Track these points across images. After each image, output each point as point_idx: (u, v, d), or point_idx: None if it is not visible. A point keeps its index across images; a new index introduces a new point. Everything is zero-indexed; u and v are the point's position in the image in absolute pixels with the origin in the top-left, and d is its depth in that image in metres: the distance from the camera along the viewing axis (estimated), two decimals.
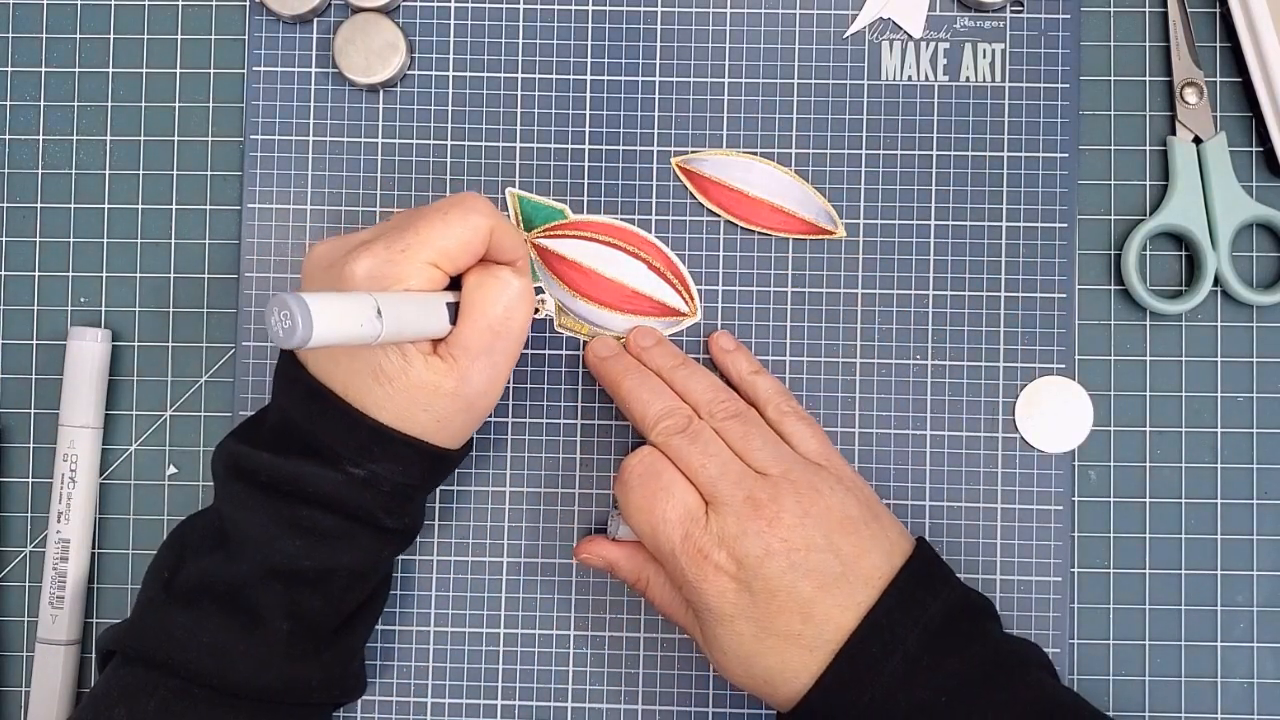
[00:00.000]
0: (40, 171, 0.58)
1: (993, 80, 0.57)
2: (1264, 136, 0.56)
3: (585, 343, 0.56)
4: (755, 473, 0.50)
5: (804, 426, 0.53)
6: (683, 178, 0.56)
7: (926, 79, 0.57)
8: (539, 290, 0.56)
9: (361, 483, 0.48)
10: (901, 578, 0.48)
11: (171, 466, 0.57)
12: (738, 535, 0.48)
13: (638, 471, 0.50)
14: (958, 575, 0.50)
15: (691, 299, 0.56)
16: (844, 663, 0.47)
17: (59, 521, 0.55)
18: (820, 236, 0.56)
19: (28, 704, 0.56)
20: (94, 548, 0.57)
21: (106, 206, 0.57)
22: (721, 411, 0.52)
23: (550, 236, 0.56)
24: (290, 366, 0.49)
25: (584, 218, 0.57)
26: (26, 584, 0.57)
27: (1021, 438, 0.56)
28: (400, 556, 0.56)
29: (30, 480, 0.57)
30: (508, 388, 0.56)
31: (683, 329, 0.56)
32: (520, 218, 0.57)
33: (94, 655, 0.53)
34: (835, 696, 0.47)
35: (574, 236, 0.56)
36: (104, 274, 0.57)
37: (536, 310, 0.56)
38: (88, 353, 0.56)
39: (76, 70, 0.58)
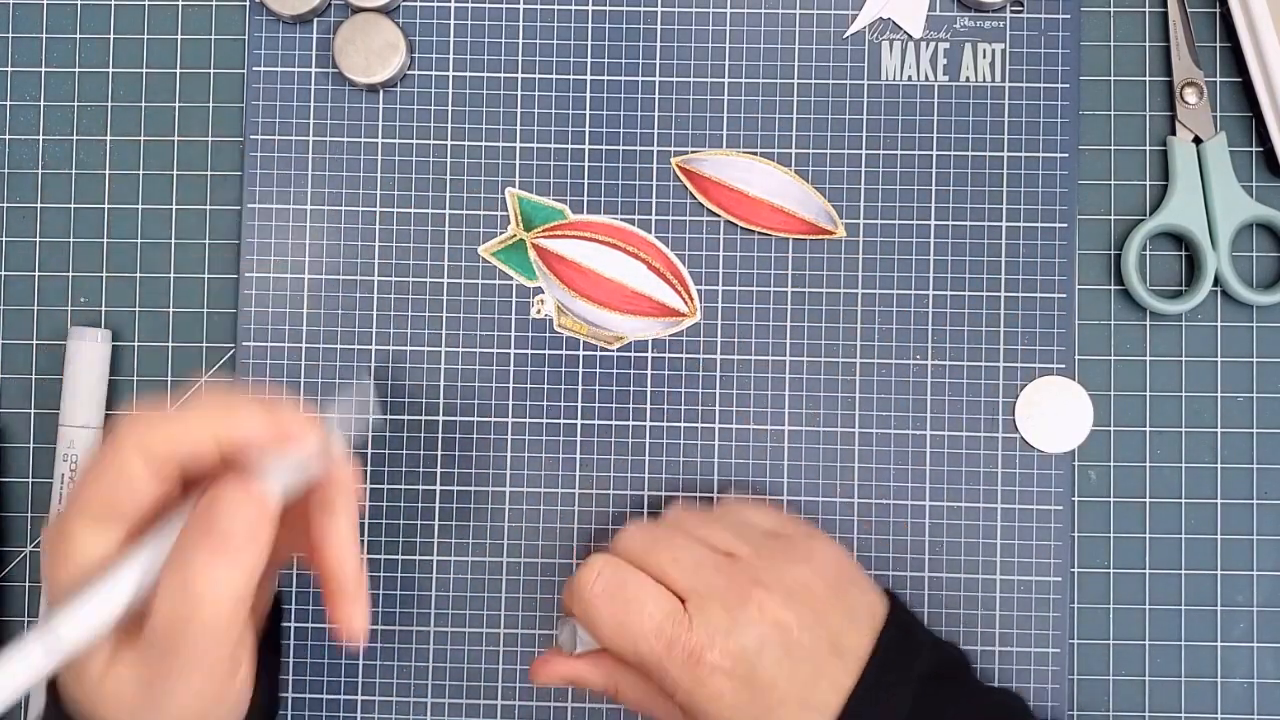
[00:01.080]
0: (40, 171, 0.58)
1: (993, 80, 0.57)
2: (1264, 136, 0.56)
3: (584, 342, 0.56)
4: (726, 556, 0.47)
5: (747, 506, 0.51)
6: (683, 178, 0.56)
7: (926, 79, 0.57)
8: (539, 290, 0.56)
9: None
10: (883, 646, 0.46)
11: None
12: (729, 628, 0.44)
13: (597, 590, 0.46)
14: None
15: (691, 299, 0.56)
16: None
17: None
18: (820, 236, 0.56)
19: (28, 704, 0.56)
20: None
21: (106, 206, 0.57)
22: (668, 515, 0.50)
23: (550, 236, 0.56)
24: None
25: (584, 218, 0.57)
26: (27, 584, 0.57)
27: (1021, 438, 0.56)
28: (400, 556, 0.56)
29: (30, 480, 0.57)
30: (507, 387, 0.56)
31: (682, 329, 0.56)
32: (520, 217, 0.57)
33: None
34: None
35: (574, 237, 0.56)
36: (104, 274, 0.57)
37: (537, 310, 0.56)
38: (88, 353, 0.56)
39: (76, 70, 0.58)
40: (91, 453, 0.42)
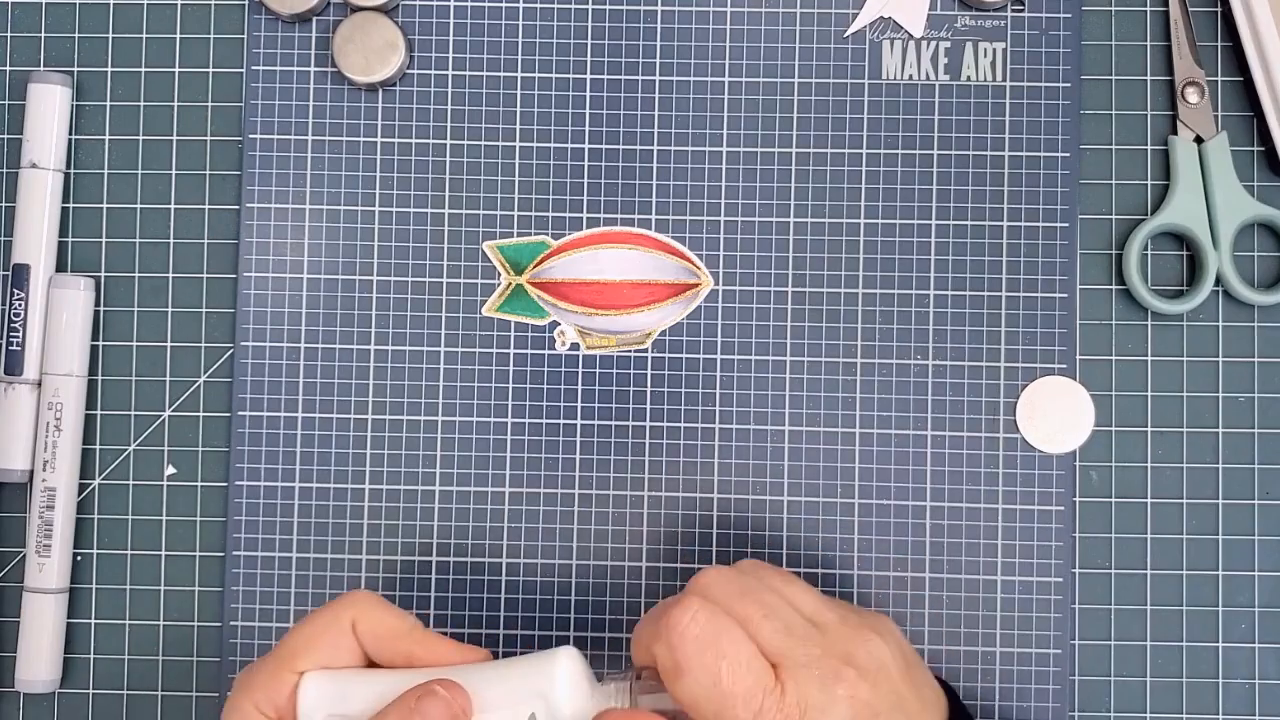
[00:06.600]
0: None
1: (993, 80, 0.57)
2: (1265, 136, 0.56)
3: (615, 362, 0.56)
4: (811, 623, 0.44)
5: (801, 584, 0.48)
6: (537, 291, 0.56)
7: (927, 78, 0.57)
8: (555, 324, 0.56)
9: None
10: None
11: (170, 467, 0.57)
12: (824, 706, 0.42)
13: (693, 633, 0.42)
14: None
15: (698, 267, 0.56)
16: None
17: (44, 470, 0.55)
18: (689, 291, 0.56)
19: (24, 703, 0.56)
20: (93, 548, 0.57)
21: (106, 206, 0.57)
22: (744, 564, 0.47)
23: (542, 269, 0.56)
24: None
25: (567, 238, 0.57)
26: (24, 584, 0.57)
27: (1022, 438, 0.56)
28: (400, 556, 0.56)
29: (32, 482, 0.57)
30: (507, 387, 0.56)
31: (701, 300, 0.56)
32: (507, 265, 0.56)
33: None
34: None
35: (564, 257, 0.56)
36: (103, 273, 0.57)
37: (561, 344, 0.56)
38: (71, 300, 0.56)
39: (76, 70, 0.58)
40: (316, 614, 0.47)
